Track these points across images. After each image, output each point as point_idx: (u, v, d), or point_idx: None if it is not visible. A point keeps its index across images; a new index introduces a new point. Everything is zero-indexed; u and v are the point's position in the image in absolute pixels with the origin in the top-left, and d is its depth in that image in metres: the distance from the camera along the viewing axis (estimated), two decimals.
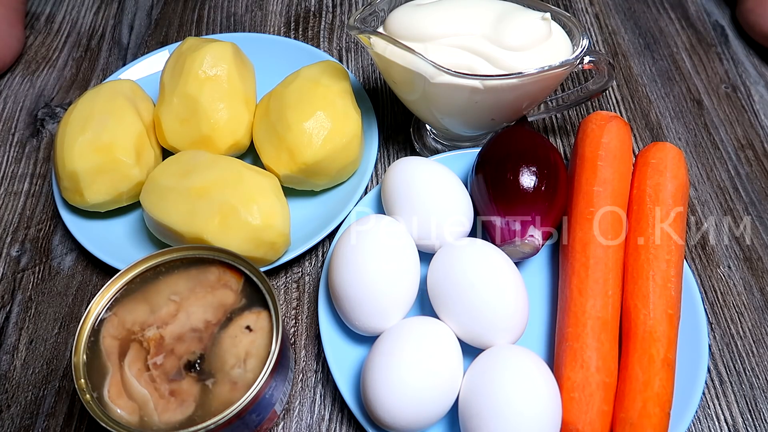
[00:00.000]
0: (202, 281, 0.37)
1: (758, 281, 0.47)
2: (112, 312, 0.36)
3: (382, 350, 0.36)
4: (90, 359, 0.34)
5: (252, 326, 0.35)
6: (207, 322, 0.35)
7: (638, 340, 0.38)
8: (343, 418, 0.41)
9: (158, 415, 0.33)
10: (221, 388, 0.33)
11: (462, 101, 0.43)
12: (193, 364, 0.34)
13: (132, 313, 0.36)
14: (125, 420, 0.32)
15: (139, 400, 0.33)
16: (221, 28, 0.64)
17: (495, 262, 0.38)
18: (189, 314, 0.36)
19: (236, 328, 0.35)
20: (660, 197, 0.42)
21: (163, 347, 0.35)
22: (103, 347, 0.35)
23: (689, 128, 0.56)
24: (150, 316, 0.36)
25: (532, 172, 0.42)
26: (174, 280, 0.37)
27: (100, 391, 0.33)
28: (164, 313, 0.36)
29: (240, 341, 0.35)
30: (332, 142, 0.45)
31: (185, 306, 0.36)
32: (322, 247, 0.49)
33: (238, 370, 0.34)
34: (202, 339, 0.35)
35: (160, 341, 0.35)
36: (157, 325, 0.35)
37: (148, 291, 0.37)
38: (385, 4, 0.45)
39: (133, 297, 0.36)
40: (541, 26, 0.43)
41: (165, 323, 0.35)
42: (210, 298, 0.36)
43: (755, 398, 0.42)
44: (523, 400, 0.34)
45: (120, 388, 0.33)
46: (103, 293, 0.36)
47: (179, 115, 0.47)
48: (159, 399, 0.33)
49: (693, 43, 0.63)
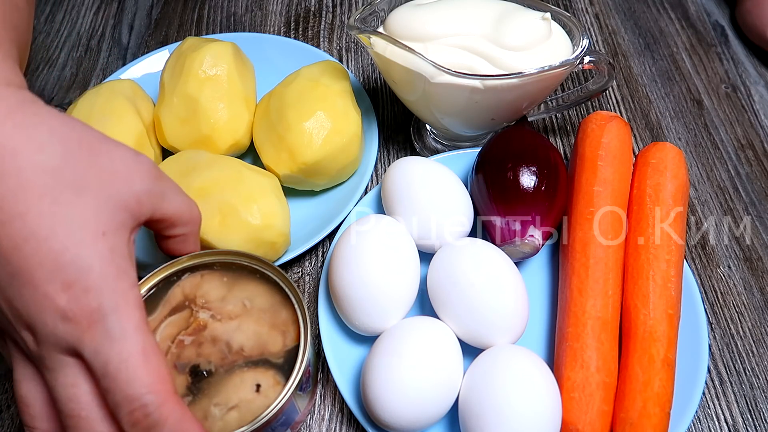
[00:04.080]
0: (273, 312, 0.35)
1: (758, 281, 0.47)
2: (199, 273, 0.35)
3: (382, 350, 0.36)
4: (149, 297, 0.34)
5: (262, 386, 0.33)
6: (241, 348, 0.34)
7: (638, 340, 0.38)
8: (343, 418, 0.41)
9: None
10: (195, 411, 0.32)
11: (462, 101, 0.43)
12: (200, 372, 0.33)
13: (210, 285, 0.35)
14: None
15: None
16: (221, 28, 0.64)
17: (495, 262, 0.38)
18: (240, 328, 0.34)
19: (248, 378, 0.33)
20: (660, 197, 0.42)
21: (198, 334, 0.33)
22: (169, 293, 0.35)
23: (689, 128, 0.56)
24: (218, 300, 0.35)
25: (532, 172, 0.42)
26: (259, 288, 0.36)
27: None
28: (228, 309, 0.34)
29: (240, 391, 0.32)
30: (332, 142, 0.45)
31: (245, 319, 0.34)
32: (322, 247, 0.49)
33: (216, 412, 0.32)
34: (224, 359, 0.33)
35: (201, 328, 0.34)
36: (213, 313, 0.34)
37: (236, 278, 0.36)
38: (385, 4, 0.45)
39: (222, 273, 0.36)
40: (541, 26, 0.43)
41: (219, 317, 0.34)
42: (264, 331, 0.34)
43: (755, 398, 0.42)
44: (523, 400, 0.34)
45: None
46: (204, 256, 0.36)
47: (179, 115, 0.47)
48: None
49: (693, 43, 0.63)
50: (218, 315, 0.34)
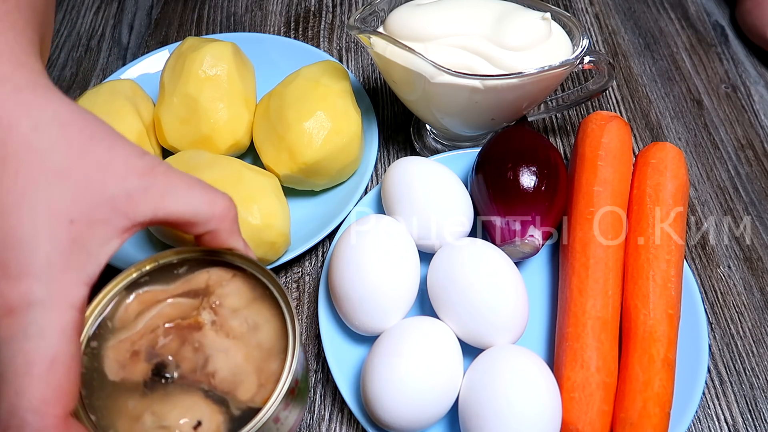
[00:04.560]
0: (268, 356, 0.30)
1: (758, 281, 0.47)
2: (232, 272, 0.32)
3: (382, 350, 0.36)
4: (182, 268, 0.32)
5: (203, 426, 0.28)
6: (214, 373, 0.30)
7: (638, 340, 0.38)
8: (343, 418, 0.41)
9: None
10: (136, 406, 0.29)
11: (462, 101, 0.43)
12: (162, 374, 0.29)
13: (234, 291, 0.32)
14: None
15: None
16: (221, 28, 0.64)
17: (495, 262, 0.38)
18: (228, 353, 0.30)
19: (198, 408, 0.29)
20: (660, 197, 0.42)
21: (188, 333, 0.30)
22: (195, 274, 0.32)
23: (689, 128, 0.56)
24: (230, 309, 0.31)
25: (532, 172, 0.42)
26: (270, 323, 0.31)
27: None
28: (233, 325, 0.31)
29: (181, 415, 0.28)
30: (332, 142, 0.45)
31: (239, 345, 0.30)
32: (322, 247, 0.49)
33: (149, 421, 0.28)
34: (192, 372, 0.30)
35: (196, 327, 0.30)
36: (216, 319, 0.31)
37: (258, 299, 0.32)
38: (385, 4, 0.45)
39: (252, 286, 0.32)
40: (541, 26, 0.43)
41: (219, 327, 0.31)
42: (247, 371, 0.30)
43: (755, 398, 0.42)
44: (523, 400, 0.34)
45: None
46: (246, 261, 0.32)
47: (179, 115, 0.47)
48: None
49: (693, 43, 0.63)
50: (219, 324, 0.31)
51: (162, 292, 0.32)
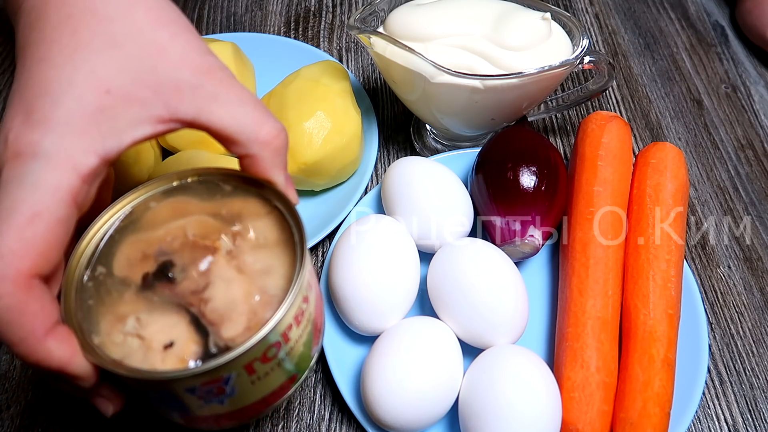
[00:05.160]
0: (267, 300, 0.29)
1: (758, 281, 0.47)
2: (269, 207, 0.31)
3: (382, 350, 0.36)
4: (204, 182, 0.32)
5: (175, 347, 0.27)
6: (208, 299, 0.28)
7: (638, 340, 0.38)
8: (343, 418, 0.41)
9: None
10: (124, 303, 0.28)
11: (462, 101, 0.43)
12: (165, 274, 0.29)
13: (265, 227, 0.31)
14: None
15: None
16: (221, 28, 0.64)
17: (495, 262, 0.39)
18: (230, 285, 0.29)
19: (180, 330, 0.28)
20: (660, 197, 0.42)
21: (201, 252, 0.29)
22: (230, 196, 0.31)
23: (689, 128, 0.56)
24: (250, 247, 0.30)
25: (532, 172, 0.42)
26: (287, 267, 0.30)
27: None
28: (248, 260, 0.29)
29: (162, 331, 0.28)
30: (332, 142, 0.45)
31: (245, 282, 0.29)
32: (322, 247, 0.49)
33: (129, 326, 0.27)
34: (192, 292, 0.28)
35: (210, 251, 0.29)
36: (234, 250, 0.30)
37: (286, 243, 0.30)
38: (385, 4, 0.45)
39: (289, 225, 0.31)
40: (541, 26, 0.43)
41: (233, 260, 0.29)
42: (241, 310, 0.28)
43: (755, 398, 0.42)
44: (523, 400, 0.34)
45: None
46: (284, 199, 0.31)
47: None
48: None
49: (693, 43, 0.63)
50: (233, 255, 0.29)
51: (195, 205, 0.31)
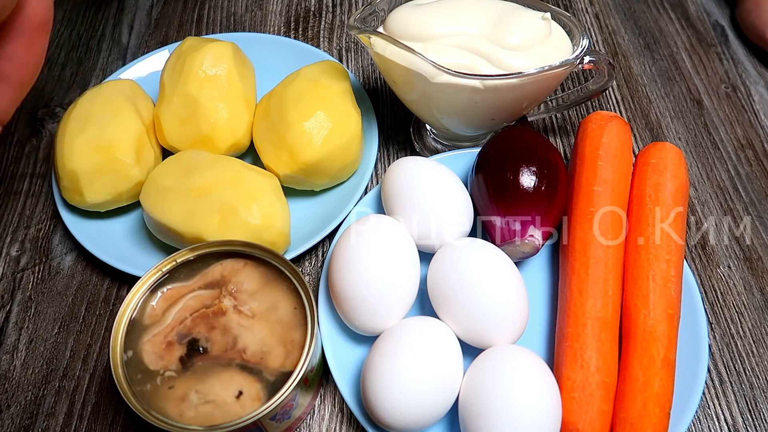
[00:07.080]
0: (289, 329, 0.35)
1: (758, 281, 0.47)
2: (243, 260, 0.37)
3: (382, 350, 0.36)
4: (194, 265, 0.36)
5: (244, 395, 0.33)
6: (244, 348, 0.34)
7: (638, 340, 0.38)
8: (343, 418, 0.41)
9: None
10: (179, 387, 0.33)
11: (462, 101, 0.43)
12: (196, 348, 0.34)
13: (248, 276, 0.36)
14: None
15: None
16: (221, 28, 0.64)
17: (495, 262, 0.38)
18: (252, 330, 0.35)
19: (236, 381, 0.33)
20: (660, 197, 0.42)
21: (215, 318, 0.35)
22: (210, 268, 0.36)
23: (689, 128, 0.56)
24: (247, 293, 0.36)
25: (532, 172, 0.42)
26: (287, 299, 0.36)
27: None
28: (252, 306, 0.35)
29: (223, 390, 0.33)
30: (332, 142, 0.45)
31: (262, 323, 0.35)
32: (322, 247, 0.49)
33: (194, 398, 0.33)
34: (225, 352, 0.34)
35: (220, 313, 0.35)
36: (237, 304, 0.35)
37: (272, 280, 0.36)
38: (385, 4, 0.45)
39: (264, 270, 0.37)
40: (541, 26, 0.43)
41: (241, 310, 0.35)
42: (272, 343, 0.35)
43: (755, 398, 0.42)
44: (523, 400, 0.34)
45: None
46: (253, 248, 0.37)
47: (179, 115, 0.47)
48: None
49: (693, 43, 0.63)
50: (241, 307, 0.35)
51: (183, 287, 0.36)
